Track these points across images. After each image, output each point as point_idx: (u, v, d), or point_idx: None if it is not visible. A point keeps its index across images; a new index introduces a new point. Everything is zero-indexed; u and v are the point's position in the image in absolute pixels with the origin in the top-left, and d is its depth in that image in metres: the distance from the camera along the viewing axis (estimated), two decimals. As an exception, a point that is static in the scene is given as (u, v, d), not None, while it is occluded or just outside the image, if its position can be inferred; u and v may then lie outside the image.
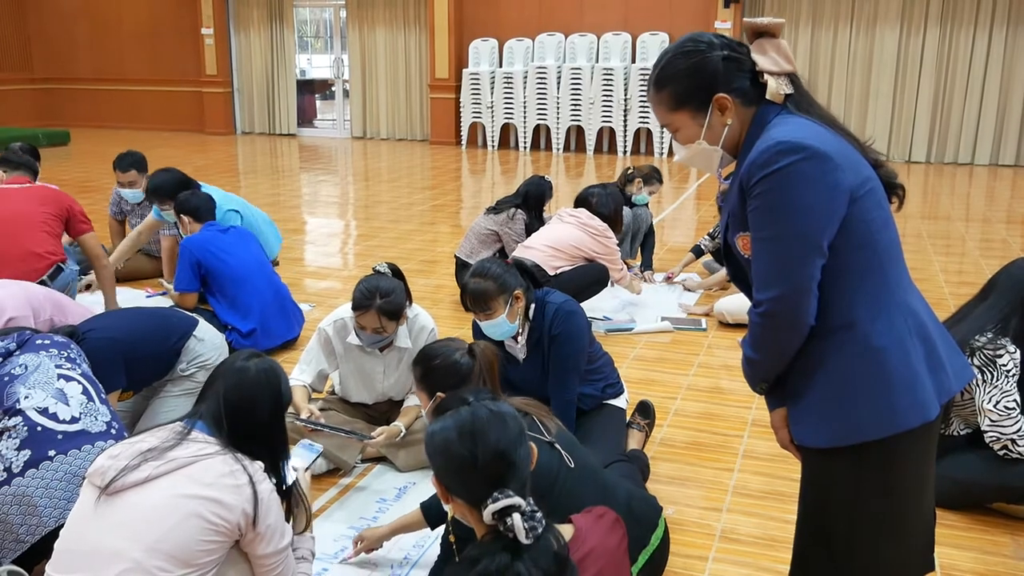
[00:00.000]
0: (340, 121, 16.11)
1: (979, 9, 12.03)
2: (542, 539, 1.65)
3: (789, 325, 1.77)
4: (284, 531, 2.16)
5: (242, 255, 4.77)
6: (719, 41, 1.84)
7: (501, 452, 1.71)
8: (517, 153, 13.67)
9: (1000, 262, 3.09)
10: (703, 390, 4.27)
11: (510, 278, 3.19)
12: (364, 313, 3.24)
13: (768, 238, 1.75)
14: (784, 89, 1.82)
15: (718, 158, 1.90)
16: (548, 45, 13.64)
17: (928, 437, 1.85)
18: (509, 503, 1.63)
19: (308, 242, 7.69)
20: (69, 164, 11.96)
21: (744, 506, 3.19)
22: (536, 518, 1.65)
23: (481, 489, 1.67)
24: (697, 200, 9.74)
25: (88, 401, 2.60)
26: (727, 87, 1.83)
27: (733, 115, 1.84)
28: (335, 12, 15.80)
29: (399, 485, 3.30)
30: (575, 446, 2.47)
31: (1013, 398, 2.92)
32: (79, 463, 2.44)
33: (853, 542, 1.86)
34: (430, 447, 1.78)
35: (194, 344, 3.43)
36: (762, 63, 1.82)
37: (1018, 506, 3.07)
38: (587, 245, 5.05)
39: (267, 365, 2.25)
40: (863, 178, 1.77)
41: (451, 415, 1.78)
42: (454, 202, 9.65)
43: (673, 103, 1.87)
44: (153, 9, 16.00)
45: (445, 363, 2.52)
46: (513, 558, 1.61)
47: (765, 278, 1.76)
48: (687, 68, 1.84)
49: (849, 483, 1.84)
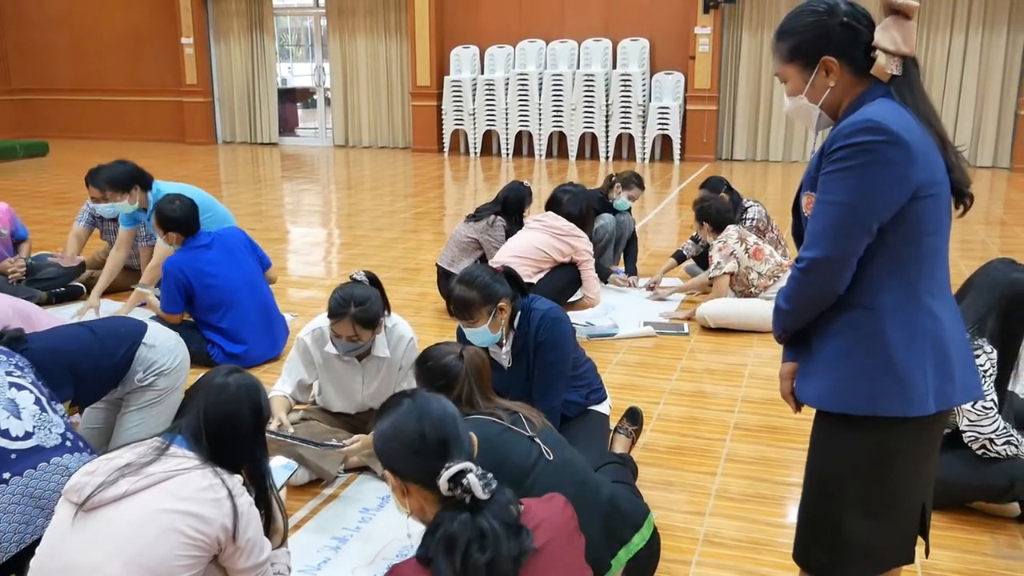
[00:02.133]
0: (322, 130, 16.08)
1: (955, 12, 12.15)
2: (497, 494, 1.82)
3: (821, 287, 1.89)
4: (263, 545, 2.15)
5: (227, 273, 4.61)
6: (845, 8, 1.92)
7: (444, 426, 1.91)
8: (500, 160, 13.69)
9: (979, 263, 3.12)
10: (686, 394, 4.28)
11: (497, 287, 3.20)
12: (339, 321, 3.23)
13: (829, 203, 1.85)
14: (892, 69, 1.88)
15: (816, 116, 1.99)
16: (529, 52, 13.67)
17: (922, 434, 1.95)
18: (461, 467, 1.80)
19: (291, 251, 7.67)
20: (48, 175, 11.87)
21: (727, 510, 3.19)
22: (488, 478, 1.81)
23: (433, 463, 1.83)
24: (679, 205, 9.77)
25: (41, 412, 2.52)
26: (837, 52, 1.91)
27: (837, 79, 1.93)
28: (316, 20, 15.78)
29: (381, 494, 3.28)
30: (562, 445, 2.53)
31: (991, 398, 2.94)
32: (36, 483, 2.37)
33: (843, 515, 1.99)
34: (380, 442, 1.95)
35: (145, 352, 3.27)
36: (879, 38, 1.89)
37: (997, 504, 3.09)
38: (552, 247, 5.02)
39: (247, 381, 2.23)
40: (934, 180, 1.85)
41: (393, 408, 1.97)
42: (437, 209, 9.65)
43: (787, 55, 1.98)
44: (132, 19, 15.93)
45: (436, 365, 2.65)
46: (473, 515, 1.78)
47: (815, 238, 1.88)
48: (806, 25, 1.94)
49: (842, 453, 1.98)
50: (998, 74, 12.14)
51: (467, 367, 2.61)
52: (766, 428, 3.85)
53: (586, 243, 5.15)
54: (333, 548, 2.93)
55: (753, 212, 6.10)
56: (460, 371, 2.61)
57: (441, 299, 5.64)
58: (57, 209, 9.04)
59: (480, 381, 2.62)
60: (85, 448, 2.58)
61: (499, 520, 1.78)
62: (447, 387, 2.56)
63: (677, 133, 13.03)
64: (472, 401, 2.57)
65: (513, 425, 2.44)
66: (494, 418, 2.45)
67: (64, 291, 5.78)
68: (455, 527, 1.76)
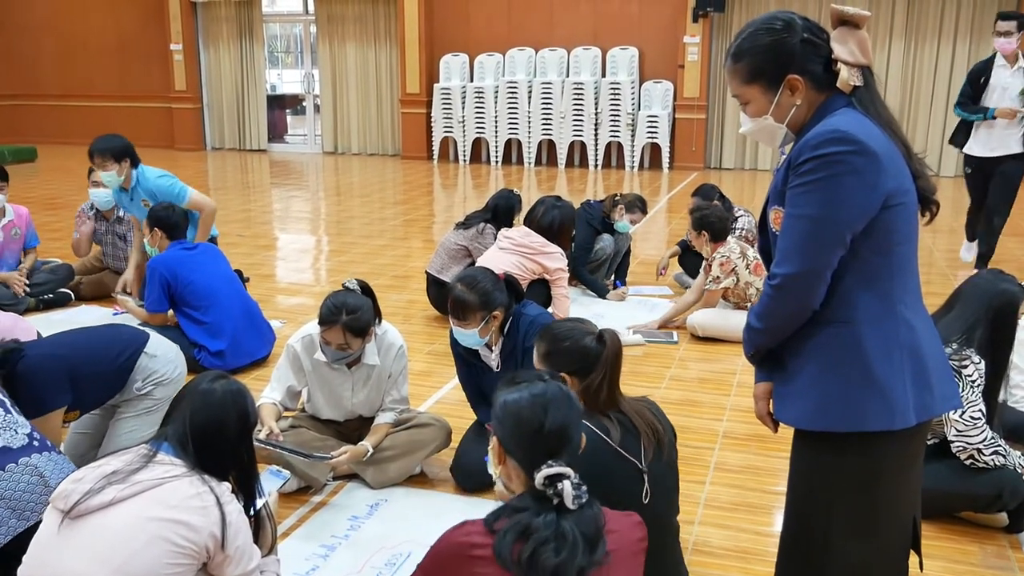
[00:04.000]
0: (311, 136, 16.06)
1: (942, 22, 12.24)
2: (585, 508, 1.80)
3: (796, 303, 1.87)
4: (252, 553, 2.14)
5: (211, 272, 4.74)
6: (802, 23, 1.90)
7: (564, 426, 1.86)
8: (489, 167, 13.69)
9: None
10: (675, 403, 4.28)
11: (496, 295, 3.23)
12: (329, 329, 3.22)
13: (799, 216, 1.83)
14: (855, 81, 1.88)
15: (781, 135, 1.97)
16: (519, 60, 13.69)
17: (905, 447, 1.93)
18: (562, 471, 1.78)
19: (279, 258, 7.65)
20: (36, 180, 11.82)
21: (716, 518, 3.20)
22: (582, 490, 1.78)
23: (539, 455, 1.81)
24: (668, 213, 9.80)
25: (5, 414, 2.53)
26: (801, 69, 1.89)
27: (802, 96, 1.90)
28: (305, 27, 15.77)
29: (371, 502, 3.27)
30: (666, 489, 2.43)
31: (978, 408, 2.96)
32: (4, 484, 2.38)
33: (829, 536, 1.95)
34: (500, 410, 1.91)
35: (146, 361, 3.28)
36: (838, 51, 1.88)
37: (985, 514, 3.11)
38: (521, 266, 4.89)
39: (234, 387, 2.23)
40: (902, 188, 1.85)
41: (526, 386, 1.91)
42: (426, 217, 9.64)
43: (747, 76, 1.94)
44: (121, 25, 15.89)
45: (575, 346, 2.44)
46: (559, 515, 1.76)
47: (786, 253, 1.85)
48: (766, 45, 1.90)
49: (826, 472, 1.95)
50: (984, 85, 12.21)
51: (608, 354, 2.40)
52: (755, 437, 3.86)
53: (558, 260, 5.01)
54: (322, 556, 2.92)
55: (743, 222, 6.10)
56: (601, 356, 2.39)
57: (430, 306, 5.64)
58: (46, 214, 8.99)
59: (615, 372, 2.41)
60: (53, 448, 2.57)
61: (581, 529, 1.76)
62: (580, 372, 2.38)
63: (666, 142, 13.07)
64: (598, 394, 2.37)
65: (626, 448, 2.30)
66: (607, 438, 2.29)
67: (52, 297, 5.76)
68: (539, 521, 1.75)
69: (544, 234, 5.07)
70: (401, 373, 3.46)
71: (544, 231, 5.09)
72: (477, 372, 3.48)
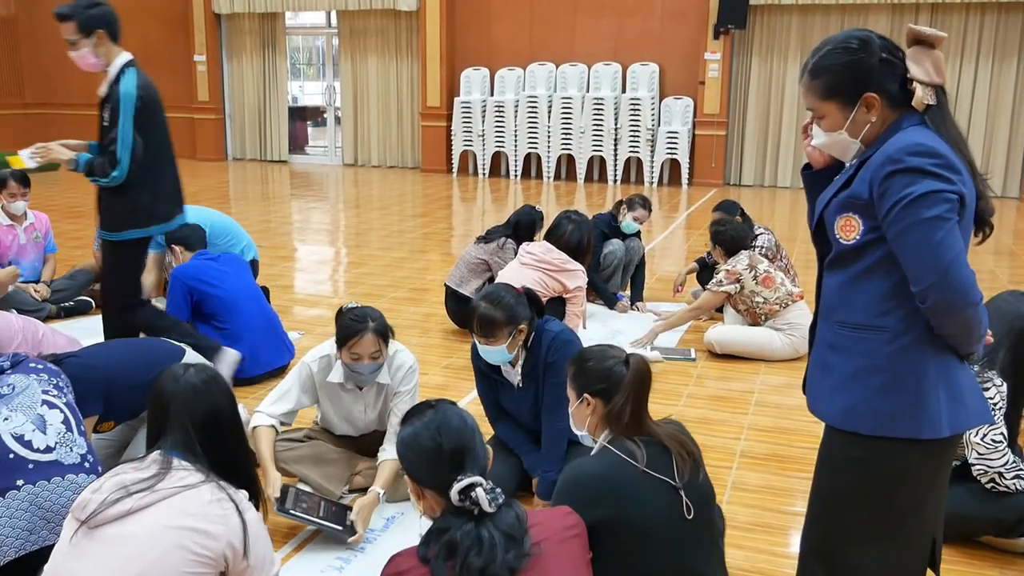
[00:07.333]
0: (332, 148, 16.15)
1: (964, 43, 12.17)
2: (503, 508, 1.89)
3: (954, 305, 1.82)
4: (274, 559, 2.15)
5: (232, 282, 4.77)
6: (880, 43, 1.93)
7: (460, 441, 1.97)
8: (508, 181, 13.72)
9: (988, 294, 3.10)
10: (691, 421, 4.25)
11: (520, 310, 3.24)
12: (360, 340, 3.18)
13: (912, 224, 1.81)
14: (928, 100, 1.90)
15: (854, 149, 2.00)
16: (539, 75, 13.73)
17: (933, 459, 1.96)
18: (472, 480, 1.87)
19: (298, 269, 7.68)
20: (58, 189, 11.94)
21: (733, 539, 3.17)
22: (496, 492, 1.88)
23: (447, 474, 1.90)
24: (687, 229, 9.78)
25: (67, 431, 2.57)
26: (878, 87, 1.92)
27: (877, 114, 1.94)
28: (327, 40, 15.88)
29: (387, 515, 3.27)
30: (708, 503, 2.41)
31: (1000, 431, 2.93)
32: (46, 495, 2.41)
33: (847, 546, 1.99)
34: (402, 447, 2.02)
35: None
36: (914, 71, 1.90)
37: (1006, 539, 3.07)
38: (543, 283, 4.88)
39: (207, 374, 2.29)
40: (969, 204, 1.87)
41: (417, 418, 2.02)
42: (445, 230, 9.66)
43: (824, 92, 1.97)
44: (146, 36, 16.03)
45: (598, 367, 2.45)
46: (477, 524, 1.86)
47: (917, 270, 1.83)
48: (845, 63, 1.94)
49: (852, 473, 1.99)
50: (1008, 104, 12.14)
51: (631, 376, 2.38)
52: (773, 457, 3.83)
53: (579, 279, 5.00)
54: (337, 568, 2.92)
55: (763, 240, 6.07)
56: (624, 379, 2.38)
57: (448, 319, 5.64)
58: (68, 223, 9.08)
59: (640, 396, 2.38)
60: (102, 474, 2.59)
61: (501, 530, 1.85)
62: (604, 393, 2.39)
63: (686, 158, 13.06)
64: (621, 417, 2.34)
65: (656, 469, 2.26)
66: (632, 460, 2.26)
67: (73, 305, 5.81)
68: (458, 534, 1.84)
69: (570, 253, 5.09)
70: (410, 393, 3.38)
71: (571, 251, 5.10)
72: (497, 387, 3.47)
